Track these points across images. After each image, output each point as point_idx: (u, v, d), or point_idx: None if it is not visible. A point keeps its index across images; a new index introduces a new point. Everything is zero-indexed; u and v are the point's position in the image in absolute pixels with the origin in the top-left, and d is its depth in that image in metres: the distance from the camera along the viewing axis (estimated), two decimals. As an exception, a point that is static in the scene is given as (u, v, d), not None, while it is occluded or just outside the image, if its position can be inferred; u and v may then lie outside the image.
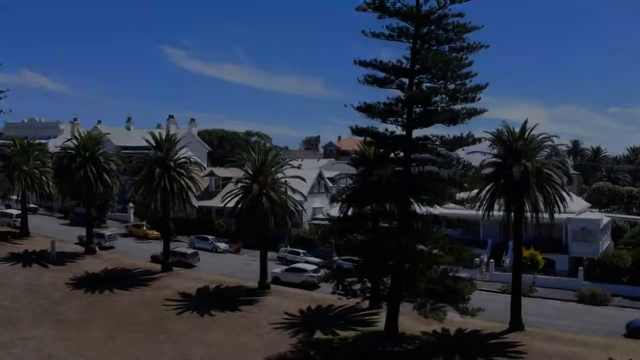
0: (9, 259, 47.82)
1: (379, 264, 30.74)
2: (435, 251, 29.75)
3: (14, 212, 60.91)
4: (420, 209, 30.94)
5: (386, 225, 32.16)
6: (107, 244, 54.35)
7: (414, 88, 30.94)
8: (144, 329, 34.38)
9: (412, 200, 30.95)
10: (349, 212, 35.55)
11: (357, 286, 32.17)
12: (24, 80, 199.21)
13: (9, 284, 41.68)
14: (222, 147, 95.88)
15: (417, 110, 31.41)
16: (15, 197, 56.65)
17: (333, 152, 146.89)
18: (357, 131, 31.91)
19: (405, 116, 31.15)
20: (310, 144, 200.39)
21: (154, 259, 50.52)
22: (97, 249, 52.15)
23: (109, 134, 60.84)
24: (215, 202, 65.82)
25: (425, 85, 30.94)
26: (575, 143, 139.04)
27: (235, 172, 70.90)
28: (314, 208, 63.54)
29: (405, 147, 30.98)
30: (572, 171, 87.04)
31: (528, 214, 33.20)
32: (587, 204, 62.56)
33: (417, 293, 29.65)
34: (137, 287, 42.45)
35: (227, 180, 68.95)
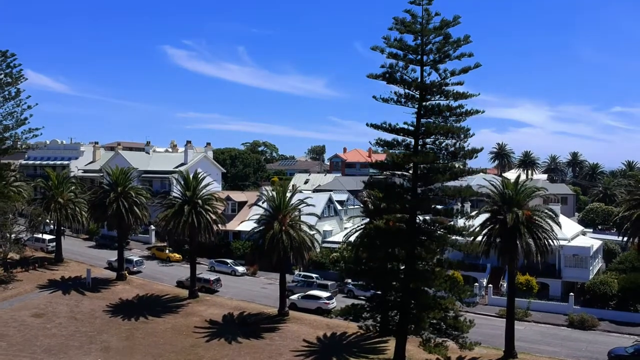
0: (49, 286, 52.42)
1: (388, 303, 35.23)
2: (439, 293, 34.09)
3: (46, 237, 65.45)
4: (424, 253, 35.24)
5: (394, 267, 36.42)
6: (135, 269, 58.89)
7: (419, 147, 35.30)
8: (180, 356, 38.83)
9: (417, 245, 35.27)
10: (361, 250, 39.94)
11: (369, 321, 36.53)
12: (25, 80, 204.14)
13: (54, 313, 46.22)
14: (235, 165, 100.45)
15: (422, 165, 35.69)
16: (48, 221, 60.94)
17: (339, 164, 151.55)
18: (369, 184, 36.42)
19: (411, 171, 35.51)
20: (316, 154, 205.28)
21: (180, 284, 55.03)
22: (127, 274, 56.60)
23: (135, 169, 64.97)
24: (232, 225, 70.33)
25: (428, 146, 35.26)
26: (574, 155, 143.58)
27: (249, 196, 75.81)
28: (324, 231, 67.80)
29: (411, 199, 35.28)
30: (568, 191, 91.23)
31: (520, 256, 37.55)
32: (580, 228, 66.57)
33: (422, 329, 34.10)
34: (168, 314, 46.92)
35: (243, 204, 73.59)
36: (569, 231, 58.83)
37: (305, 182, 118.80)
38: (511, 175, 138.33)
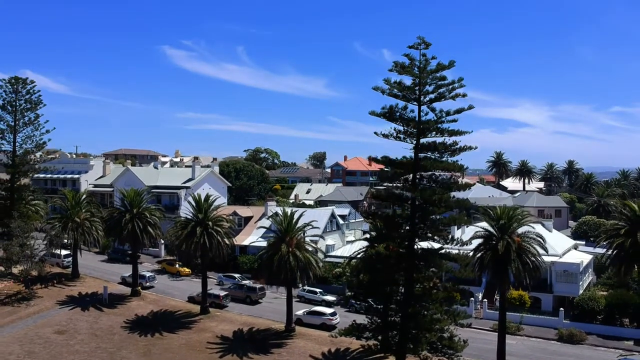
0: (69, 303, 55.44)
1: (388, 324, 38.29)
2: (435, 316, 37.11)
3: (62, 252, 68.37)
4: (422, 279, 38.27)
5: (394, 290, 39.42)
6: (147, 284, 61.89)
7: (417, 180, 38.35)
8: (196, 373, 41.81)
9: (416, 271, 38.30)
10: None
11: (371, 340, 39.58)
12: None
13: (75, 329, 49.19)
14: (239, 178, 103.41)
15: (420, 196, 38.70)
16: (66, 241, 63.82)
17: (340, 172, 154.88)
18: (370, 214, 39.43)
19: (410, 202, 38.55)
20: (317, 160, 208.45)
21: (191, 299, 57.98)
22: (140, 289, 59.57)
23: (147, 191, 67.55)
24: (239, 240, 73.21)
25: (425, 180, 38.31)
26: (570, 163, 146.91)
27: (255, 211, 78.76)
28: (327, 245, 70.73)
29: (409, 228, 38.32)
30: (562, 204, 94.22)
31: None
32: (572, 242, 69.42)
33: (420, 349, 37.16)
34: (182, 330, 49.83)
35: (249, 219, 76.55)
36: (560, 247, 61.83)
37: (307, 192, 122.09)
38: (508, 183, 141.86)
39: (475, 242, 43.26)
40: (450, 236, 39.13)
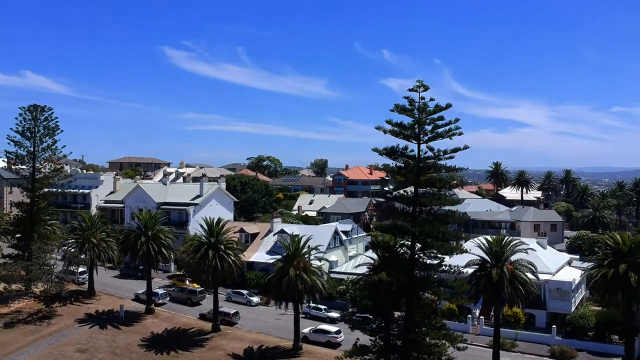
0: (87, 321, 58.43)
1: (390, 347, 41.28)
2: (434, 341, 40.05)
3: (78, 269, 71.32)
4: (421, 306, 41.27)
5: (395, 317, 42.42)
6: (160, 301, 64.88)
7: (417, 213, 41.36)
8: (210, 391, 44.82)
9: (415, 297, 41.27)
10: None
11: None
12: (25, 81, 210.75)
13: (95, 348, 52.15)
14: (245, 192, 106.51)
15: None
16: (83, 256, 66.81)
17: (341, 181, 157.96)
18: (374, 244, 42.45)
19: (410, 233, 41.55)
20: (319, 167, 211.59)
21: (202, 317, 60.98)
22: (154, 307, 62.56)
23: (160, 214, 70.16)
24: (246, 256, 76.05)
25: (424, 213, 41.36)
26: (567, 173, 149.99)
27: (261, 227, 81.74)
28: (330, 262, 73.64)
29: (409, 258, 41.31)
30: (558, 218, 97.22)
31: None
32: (567, 258, 72.33)
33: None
34: (195, 348, 52.74)
35: (255, 235, 79.53)
36: (554, 264, 64.76)
37: (310, 203, 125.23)
38: (507, 192, 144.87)
39: (472, 268, 46.41)
40: (448, 265, 42.06)
